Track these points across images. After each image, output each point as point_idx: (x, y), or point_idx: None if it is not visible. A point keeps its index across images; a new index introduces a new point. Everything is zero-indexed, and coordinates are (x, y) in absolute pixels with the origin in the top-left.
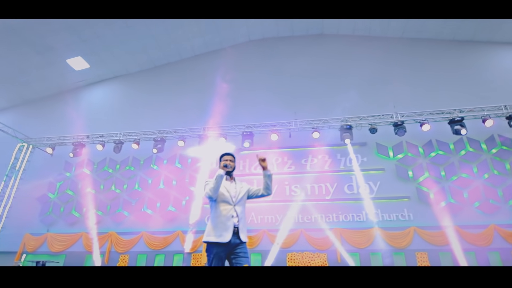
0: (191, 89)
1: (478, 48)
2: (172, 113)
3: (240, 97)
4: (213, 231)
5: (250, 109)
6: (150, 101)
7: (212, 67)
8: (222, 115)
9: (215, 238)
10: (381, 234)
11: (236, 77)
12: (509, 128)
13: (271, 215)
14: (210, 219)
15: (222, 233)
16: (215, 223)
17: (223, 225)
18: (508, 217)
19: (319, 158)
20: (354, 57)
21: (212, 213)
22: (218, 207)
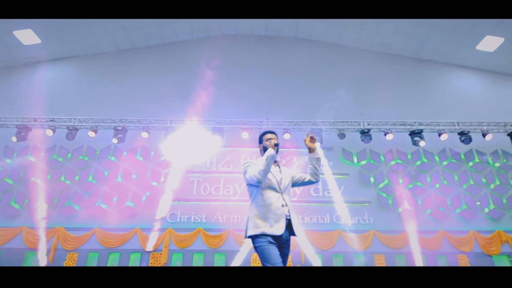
0: (162, 78)
1: (437, 68)
2: (137, 103)
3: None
4: (262, 222)
5: (223, 105)
6: (113, 88)
7: (193, 57)
8: (194, 109)
9: (266, 230)
10: (342, 236)
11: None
12: (460, 143)
13: (238, 215)
14: (256, 209)
15: (273, 224)
16: (263, 213)
17: (274, 215)
18: (455, 224)
19: (288, 160)
20: (326, 64)
21: (256, 201)
22: (263, 194)
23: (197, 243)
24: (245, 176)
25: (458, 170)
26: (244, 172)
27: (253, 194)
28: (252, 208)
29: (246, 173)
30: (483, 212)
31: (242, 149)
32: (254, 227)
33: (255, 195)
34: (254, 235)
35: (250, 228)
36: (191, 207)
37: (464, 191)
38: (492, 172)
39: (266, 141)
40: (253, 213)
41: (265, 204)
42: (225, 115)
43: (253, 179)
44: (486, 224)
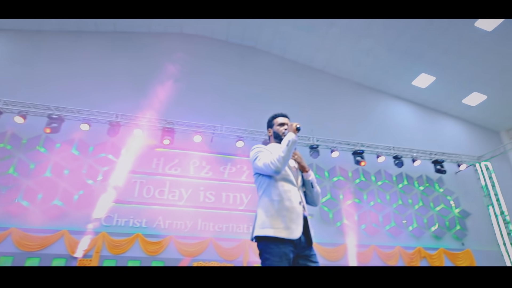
0: (111, 68)
1: (379, 96)
2: (80, 91)
3: (169, 90)
4: (273, 220)
5: (176, 105)
6: (52, 70)
7: (149, 51)
8: (144, 105)
9: (279, 232)
10: None
11: (174, 69)
12: (393, 166)
13: (181, 221)
14: (266, 204)
15: (289, 225)
16: (277, 210)
17: (290, 213)
18: (384, 239)
19: (238, 168)
20: (282, 78)
21: (268, 195)
22: (278, 187)
23: (133, 249)
24: (256, 164)
25: (390, 190)
26: (254, 159)
27: (263, 186)
28: (261, 204)
29: (257, 160)
30: (408, 230)
31: (192, 153)
32: (263, 226)
33: (266, 187)
34: (262, 237)
35: (258, 226)
36: (131, 210)
37: (394, 209)
38: (417, 195)
39: (278, 125)
40: (262, 209)
41: (280, 200)
42: (178, 116)
43: (270, 168)
44: (410, 241)
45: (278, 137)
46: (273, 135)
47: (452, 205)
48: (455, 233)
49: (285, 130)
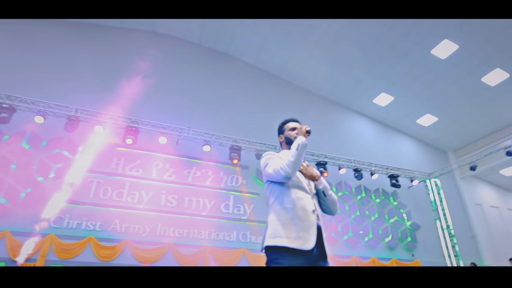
0: (75, 59)
1: (342, 111)
2: (37, 80)
3: (137, 88)
4: (285, 229)
5: (143, 104)
6: (6, 53)
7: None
8: (108, 101)
9: (291, 242)
10: (246, 255)
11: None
12: (353, 178)
13: (140, 225)
14: (277, 212)
15: (301, 234)
16: (288, 218)
17: (302, 223)
18: (342, 249)
19: (203, 172)
20: (252, 86)
21: (279, 203)
22: (290, 194)
23: (84, 254)
24: (266, 170)
25: (349, 201)
26: (264, 166)
27: (274, 194)
28: (272, 212)
29: (267, 166)
30: (364, 240)
31: (156, 154)
32: (274, 235)
33: (277, 194)
34: (273, 247)
35: (269, 236)
36: (84, 212)
37: (352, 220)
38: (373, 207)
39: (290, 130)
40: (274, 217)
41: (292, 207)
42: (143, 115)
43: (280, 173)
44: (365, 251)
45: (290, 142)
46: (284, 141)
47: (405, 218)
48: (406, 245)
49: (296, 135)
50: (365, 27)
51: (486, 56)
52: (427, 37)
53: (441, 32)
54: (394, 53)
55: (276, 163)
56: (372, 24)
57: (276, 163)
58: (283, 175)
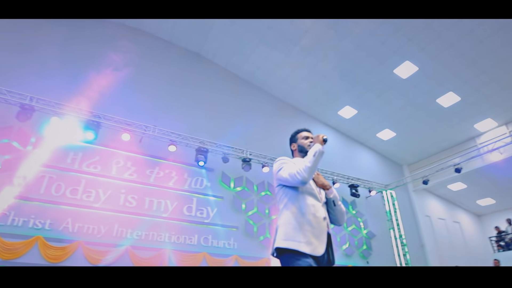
0: (35, 41)
1: (309, 121)
2: None
3: (102, 80)
4: (296, 233)
5: (107, 97)
6: None
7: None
8: (71, 92)
9: (301, 246)
10: (207, 259)
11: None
12: None
13: (95, 225)
14: (290, 216)
15: (312, 240)
16: (301, 223)
17: (314, 229)
18: None
19: (166, 173)
20: (222, 90)
21: (291, 207)
22: (302, 200)
23: (30, 254)
24: (280, 174)
25: None
26: (278, 170)
27: (286, 198)
28: (284, 216)
29: (281, 170)
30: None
31: (117, 152)
32: (285, 238)
33: (289, 199)
34: (284, 249)
35: (280, 238)
36: (33, 209)
37: None
38: None
39: (303, 139)
40: (285, 221)
41: (304, 213)
42: (107, 109)
43: (296, 178)
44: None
45: (303, 150)
46: (297, 149)
47: (362, 227)
48: (362, 252)
49: (310, 143)
50: (334, 42)
51: (442, 80)
52: (391, 57)
53: (403, 53)
54: (359, 70)
55: (291, 167)
56: (341, 40)
57: (292, 167)
58: (299, 179)
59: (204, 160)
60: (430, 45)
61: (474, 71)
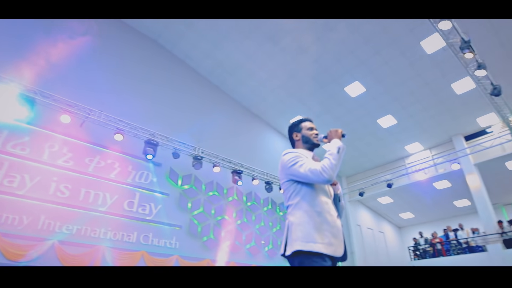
0: None
1: (264, 125)
2: None
3: (54, 57)
4: (318, 234)
5: (53, 74)
6: None
7: None
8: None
9: (325, 248)
10: (145, 258)
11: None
12: (264, 190)
13: (15, 214)
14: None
15: (333, 240)
16: (318, 223)
17: (332, 228)
18: (243, 257)
19: (108, 163)
20: (182, 83)
21: (308, 205)
22: (317, 197)
23: None
24: (296, 170)
25: (256, 212)
26: (291, 164)
27: (299, 195)
28: (299, 214)
29: (297, 165)
30: (264, 250)
31: (52, 134)
32: (307, 240)
33: (303, 196)
34: (305, 252)
35: (298, 239)
36: None
37: (256, 230)
38: (277, 219)
39: (307, 130)
40: (301, 220)
41: (321, 211)
42: (47, 86)
43: (321, 176)
44: (264, 260)
45: (307, 141)
46: (301, 140)
47: None
48: None
49: (315, 135)
50: (292, 54)
51: (384, 103)
52: (343, 76)
53: (355, 74)
54: (315, 83)
55: (310, 163)
56: (300, 53)
57: (311, 163)
58: (325, 177)
59: (153, 153)
60: (378, 70)
61: (411, 99)
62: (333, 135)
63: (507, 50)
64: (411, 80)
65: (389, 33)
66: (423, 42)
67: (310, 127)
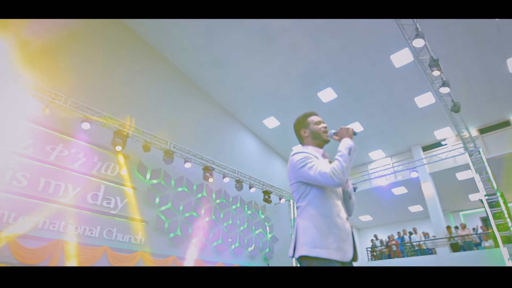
0: None
1: (237, 124)
2: None
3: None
4: (325, 239)
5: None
6: None
7: None
8: None
9: (332, 254)
10: (108, 254)
11: None
12: (233, 188)
13: None
14: (314, 218)
15: (341, 245)
16: (328, 226)
17: (341, 232)
18: (209, 254)
19: (72, 153)
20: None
21: (316, 208)
22: (327, 199)
23: None
24: (306, 172)
25: (225, 209)
26: (301, 166)
27: (308, 197)
28: (308, 217)
29: (306, 167)
30: (231, 248)
31: (11, 117)
32: (314, 245)
33: (312, 198)
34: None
35: (305, 244)
36: None
37: (224, 228)
38: (244, 217)
39: (315, 124)
40: (310, 223)
41: (330, 215)
42: None
43: (332, 180)
44: (230, 258)
45: (318, 137)
46: (311, 136)
47: (268, 231)
48: (264, 255)
49: (324, 128)
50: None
51: (353, 110)
52: (317, 81)
53: (328, 80)
54: (289, 87)
55: (321, 165)
56: (277, 56)
57: (322, 165)
58: (336, 182)
59: (123, 145)
60: (350, 78)
61: (378, 109)
62: (344, 133)
63: (465, 72)
64: (379, 90)
65: (362, 44)
66: (393, 56)
67: (318, 121)
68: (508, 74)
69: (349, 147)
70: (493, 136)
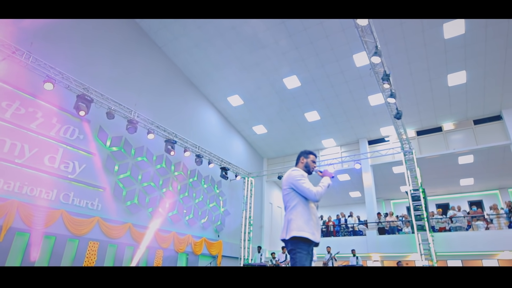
0: None
1: (200, 98)
2: None
3: None
4: (306, 227)
5: None
6: None
7: None
8: None
9: (311, 235)
10: (64, 217)
11: None
12: (193, 162)
13: None
14: (300, 214)
15: (315, 231)
16: (307, 219)
17: (315, 224)
18: (165, 224)
19: (30, 111)
20: (122, 37)
21: (301, 208)
22: (307, 204)
23: None
24: (301, 185)
25: (182, 182)
26: (298, 180)
27: (295, 200)
28: (295, 213)
29: (301, 182)
30: (185, 219)
31: None
32: (299, 230)
33: (298, 202)
34: (298, 237)
35: (294, 229)
36: None
37: (180, 199)
38: (200, 191)
39: (312, 162)
40: (297, 216)
41: (309, 213)
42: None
43: (314, 197)
44: (183, 228)
45: (307, 168)
46: (304, 165)
47: (221, 205)
48: (216, 227)
49: (314, 167)
50: (242, 38)
51: (313, 100)
52: (284, 68)
53: (295, 68)
54: (257, 68)
55: (310, 185)
56: (249, 39)
57: (310, 185)
58: (316, 198)
59: (86, 110)
60: (315, 70)
61: (335, 101)
62: (328, 174)
63: (413, 80)
64: (339, 85)
65: (330, 39)
66: (355, 56)
67: (313, 160)
68: (446, 87)
69: (328, 184)
70: (427, 139)
